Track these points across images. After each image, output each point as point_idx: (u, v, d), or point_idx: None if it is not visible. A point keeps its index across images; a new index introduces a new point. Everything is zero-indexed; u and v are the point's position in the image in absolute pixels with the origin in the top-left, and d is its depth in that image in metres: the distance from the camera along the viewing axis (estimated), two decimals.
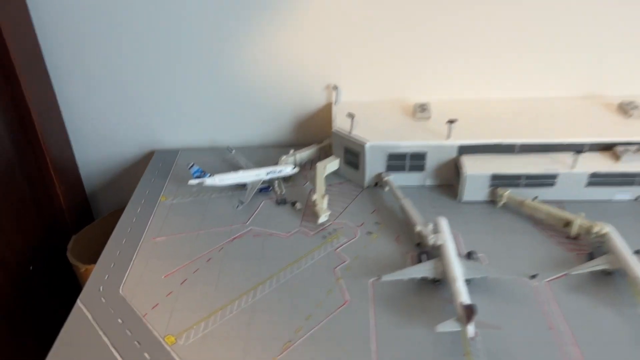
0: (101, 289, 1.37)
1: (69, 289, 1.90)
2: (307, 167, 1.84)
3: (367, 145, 1.61)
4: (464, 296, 1.23)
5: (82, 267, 1.58)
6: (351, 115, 1.63)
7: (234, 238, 1.52)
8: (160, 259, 1.37)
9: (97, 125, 1.83)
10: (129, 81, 1.85)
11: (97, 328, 1.26)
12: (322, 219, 1.54)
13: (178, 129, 1.96)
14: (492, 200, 1.60)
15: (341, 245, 1.47)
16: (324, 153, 1.86)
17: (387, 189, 1.69)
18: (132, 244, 1.42)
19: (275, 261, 1.36)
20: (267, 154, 1.91)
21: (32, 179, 1.74)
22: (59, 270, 1.77)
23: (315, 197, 1.57)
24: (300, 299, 1.31)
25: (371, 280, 1.35)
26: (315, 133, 1.94)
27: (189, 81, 1.85)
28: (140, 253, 1.39)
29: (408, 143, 1.61)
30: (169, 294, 1.35)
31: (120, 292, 1.28)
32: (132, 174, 1.92)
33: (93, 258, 1.68)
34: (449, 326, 1.18)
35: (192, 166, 1.69)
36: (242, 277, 1.38)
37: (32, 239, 1.64)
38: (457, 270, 1.30)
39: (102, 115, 1.82)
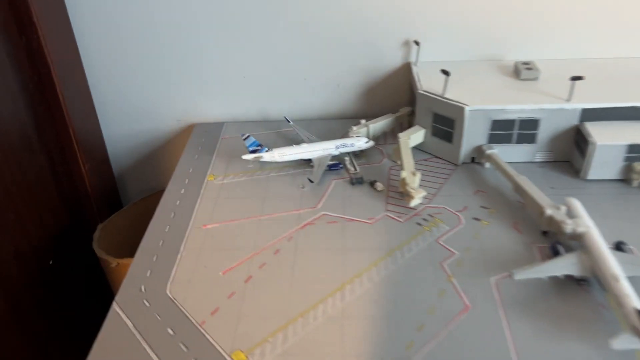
0: (143, 289, 1.06)
1: (96, 287, 1.59)
2: (380, 142, 1.52)
3: (467, 110, 1.29)
4: (635, 300, 0.90)
5: (113, 262, 1.29)
6: (446, 73, 1.30)
7: (305, 225, 1.21)
8: (214, 250, 1.18)
9: (127, 93, 1.60)
10: (163, 42, 1.56)
11: (141, 340, 0.96)
12: (415, 201, 1.22)
13: (221, 98, 1.66)
14: (625, 179, 1.27)
15: (444, 234, 1.16)
16: (399, 126, 1.54)
17: (487, 165, 1.36)
18: (177, 233, 1.21)
19: (362, 254, 1.14)
20: (329, 127, 1.60)
21: (52, 154, 1.45)
22: (83, 265, 1.46)
23: (404, 174, 1.24)
24: (404, 303, 1.01)
25: (494, 278, 1.04)
26: (389, 101, 1.62)
27: (234, 41, 1.55)
28: (188, 243, 1.16)
29: (518, 107, 1.29)
30: (230, 294, 1.04)
31: (168, 292, 1.05)
32: (167, 152, 1.65)
33: (122, 251, 1.39)
34: (628, 342, 0.85)
35: (247, 137, 1.38)
36: (323, 274, 1.08)
37: (52, 228, 1.37)
38: (615, 266, 0.97)
39: (132, 83, 1.60)
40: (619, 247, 1.07)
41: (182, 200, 1.33)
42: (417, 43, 1.50)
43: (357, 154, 1.46)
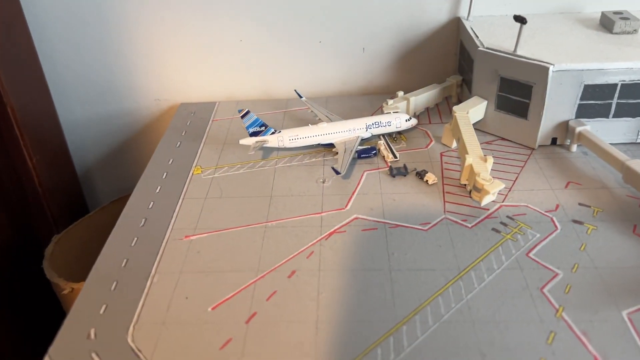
0: (93, 335, 0.72)
1: (51, 317, 1.23)
2: (421, 120, 1.15)
3: (552, 71, 0.92)
4: None
5: (65, 286, 0.96)
6: (521, 20, 0.92)
7: (331, 234, 0.85)
8: (200, 273, 0.84)
9: (90, 66, 1.33)
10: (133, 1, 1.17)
11: None
12: (489, 197, 0.85)
13: (212, 70, 1.30)
14: None
15: (535, 246, 0.80)
16: (445, 102, 1.18)
17: (574, 149, 0.99)
18: (148, 248, 0.89)
19: (418, 277, 0.79)
20: (352, 105, 1.25)
21: None
22: (33, 290, 1.24)
23: (470, 160, 0.87)
24: (493, 355, 0.62)
25: (626, 312, 0.67)
26: (432, 68, 1.26)
27: (229, 0, 1.18)
28: (163, 263, 0.87)
29: (622, 65, 0.92)
30: (225, 344, 0.69)
31: (130, 341, 0.75)
32: (145, 140, 1.31)
33: (84, 271, 1.01)
34: None
35: (245, 114, 1.01)
36: (363, 309, 0.70)
37: None
38: None
39: (95, 53, 1.30)
40: None
41: (157, 201, 0.97)
42: None
43: (395, 137, 1.09)
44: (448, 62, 1.26)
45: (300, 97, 1.19)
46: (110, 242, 0.89)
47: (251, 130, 1.04)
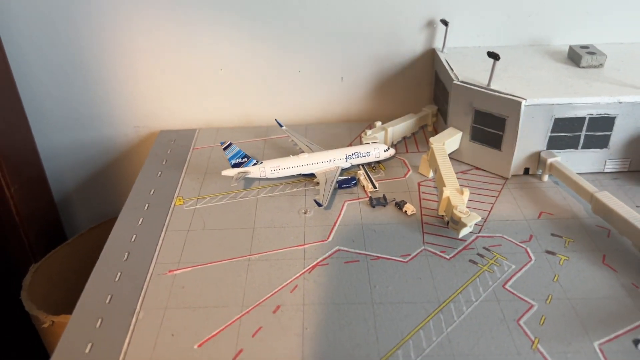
0: None
1: (32, 351, 1.21)
2: (399, 149, 1.19)
3: (525, 105, 0.96)
4: None
5: (46, 320, 0.93)
6: (495, 56, 0.96)
7: (314, 266, 0.87)
8: (185, 309, 0.85)
9: (68, 94, 1.36)
10: (112, 28, 1.19)
11: None
12: (466, 230, 0.88)
13: (192, 98, 1.31)
14: None
15: (511, 277, 0.84)
16: (421, 131, 1.22)
17: (545, 178, 1.03)
18: (132, 283, 0.90)
19: (400, 310, 0.81)
20: (331, 133, 1.27)
21: None
22: (11, 323, 1.20)
23: (447, 192, 0.90)
24: None
25: (598, 343, 0.71)
26: (407, 98, 1.29)
27: (206, 23, 1.19)
28: (148, 299, 0.89)
29: (591, 100, 0.96)
30: None
31: None
32: (123, 168, 1.30)
33: (63, 302, 1.01)
34: None
35: (227, 146, 1.02)
36: (348, 343, 0.72)
37: None
38: None
39: (74, 80, 1.33)
40: None
41: (139, 234, 0.97)
42: (445, 23, 1.17)
43: (373, 166, 1.12)
44: (423, 92, 1.29)
45: (281, 126, 1.20)
46: (94, 277, 0.89)
47: (233, 161, 1.05)
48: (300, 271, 0.87)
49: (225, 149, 1.04)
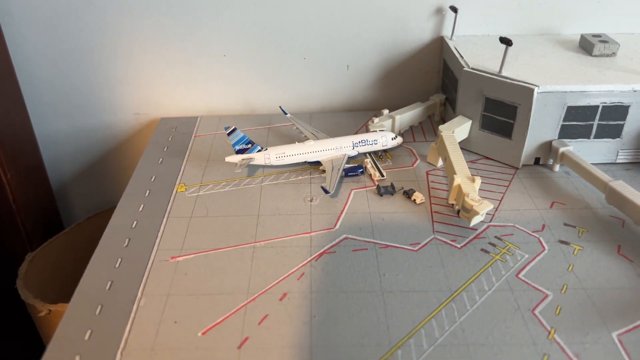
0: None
1: (27, 340, 1.18)
2: (406, 138, 1.16)
3: (537, 92, 0.93)
4: None
5: (42, 308, 0.90)
6: (507, 42, 0.94)
7: (321, 254, 0.84)
8: (188, 296, 0.82)
9: (66, 79, 1.30)
10: (112, 11, 1.16)
11: None
12: (478, 218, 0.86)
13: (195, 84, 1.28)
14: None
15: (524, 267, 0.81)
16: (428, 120, 1.19)
17: (556, 168, 1.01)
18: (133, 270, 0.87)
19: (410, 299, 0.79)
20: (336, 121, 1.24)
21: None
22: (6, 312, 1.21)
23: (458, 180, 0.88)
24: None
25: (616, 333, 0.68)
26: (415, 86, 1.28)
27: (209, 6, 1.15)
28: (150, 285, 0.85)
29: (604, 88, 0.94)
30: None
31: None
32: (123, 156, 1.27)
33: (60, 291, 0.99)
34: None
35: (232, 131, 0.99)
36: (357, 332, 0.70)
37: None
38: None
39: (73, 65, 1.28)
40: None
41: (140, 221, 0.94)
42: (454, 10, 1.15)
43: (380, 155, 1.09)
44: (431, 81, 1.27)
45: (285, 113, 1.18)
46: (94, 263, 0.86)
47: (237, 147, 1.02)
48: (307, 259, 0.85)
49: (229, 134, 1.01)
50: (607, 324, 0.72)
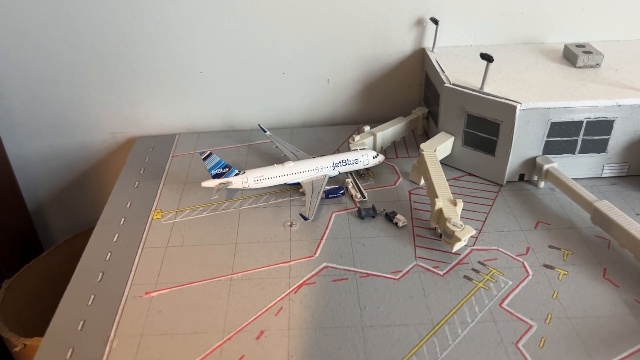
0: None
1: None
2: (388, 154, 1.14)
3: (520, 109, 0.91)
4: None
5: (17, 342, 0.86)
6: (488, 58, 0.91)
7: (300, 285, 0.82)
8: (163, 336, 0.79)
9: (41, 98, 1.26)
10: (86, 28, 1.14)
11: None
12: (460, 244, 0.83)
13: (171, 102, 1.25)
14: None
15: (508, 295, 0.80)
16: (411, 135, 1.17)
17: (541, 185, 0.99)
18: (106, 306, 0.84)
19: (391, 333, 0.76)
20: (317, 137, 1.22)
21: None
22: None
23: (439, 204, 0.85)
24: None
25: None
26: (396, 100, 1.24)
27: (185, 22, 1.13)
28: (123, 324, 0.83)
29: (588, 103, 0.92)
30: None
31: None
32: (100, 175, 1.21)
33: (39, 320, 0.96)
34: None
35: (207, 156, 0.96)
36: None
37: None
38: None
39: (47, 84, 1.25)
40: None
41: (114, 252, 0.91)
42: (435, 22, 1.12)
43: (362, 173, 1.07)
44: (413, 93, 1.24)
45: (265, 131, 1.15)
46: (66, 301, 0.83)
47: (214, 172, 1.00)
48: (285, 291, 0.82)
49: (204, 159, 0.98)
50: (592, 356, 0.70)
